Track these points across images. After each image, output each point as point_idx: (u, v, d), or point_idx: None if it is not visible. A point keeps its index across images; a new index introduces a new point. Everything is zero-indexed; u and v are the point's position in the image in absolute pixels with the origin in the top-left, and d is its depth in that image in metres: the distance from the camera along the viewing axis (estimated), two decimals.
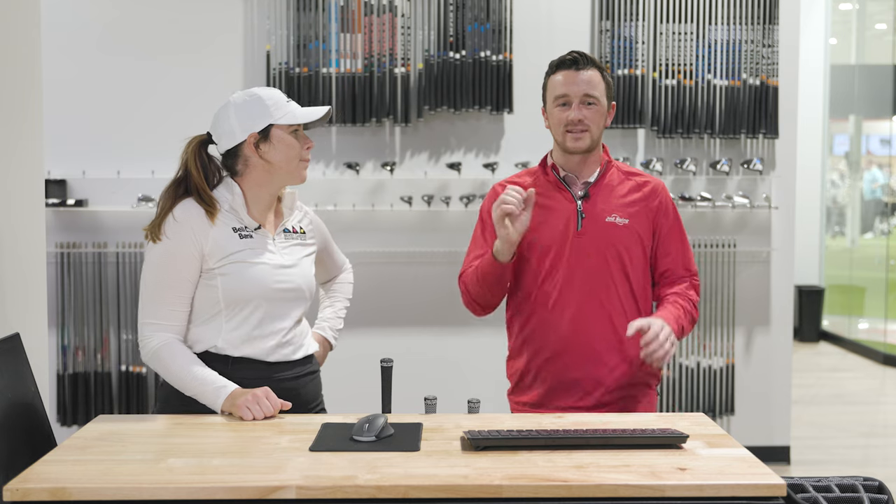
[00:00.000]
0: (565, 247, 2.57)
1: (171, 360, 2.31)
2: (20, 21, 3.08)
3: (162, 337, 2.32)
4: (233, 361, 2.35)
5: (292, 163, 2.38)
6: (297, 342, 2.44)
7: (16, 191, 3.02)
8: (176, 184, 2.38)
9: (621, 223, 2.58)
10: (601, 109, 2.58)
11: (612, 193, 2.61)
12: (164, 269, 2.32)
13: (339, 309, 2.74)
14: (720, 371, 4.93)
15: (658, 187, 2.66)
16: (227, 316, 2.34)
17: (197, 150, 2.41)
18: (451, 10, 4.69)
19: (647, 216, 2.61)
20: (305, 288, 2.44)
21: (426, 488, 1.80)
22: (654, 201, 2.63)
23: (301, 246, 2.47)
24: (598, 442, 2.03)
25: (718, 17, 4.80)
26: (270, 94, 2.40)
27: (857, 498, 1.98)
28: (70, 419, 4.75)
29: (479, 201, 4.76)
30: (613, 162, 2.67)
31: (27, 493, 1.78)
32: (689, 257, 2.68)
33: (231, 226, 2.35)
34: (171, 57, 4.76)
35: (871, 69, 9.18)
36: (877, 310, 8.76)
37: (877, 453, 5.38)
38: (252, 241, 2.36)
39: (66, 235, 4.74)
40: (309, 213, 2.57)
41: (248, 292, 2.33)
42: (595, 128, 2.57)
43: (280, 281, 2.37)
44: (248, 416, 2.23)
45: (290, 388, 2.40)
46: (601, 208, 2.59)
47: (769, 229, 4.93)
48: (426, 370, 4.74)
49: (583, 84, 2.56)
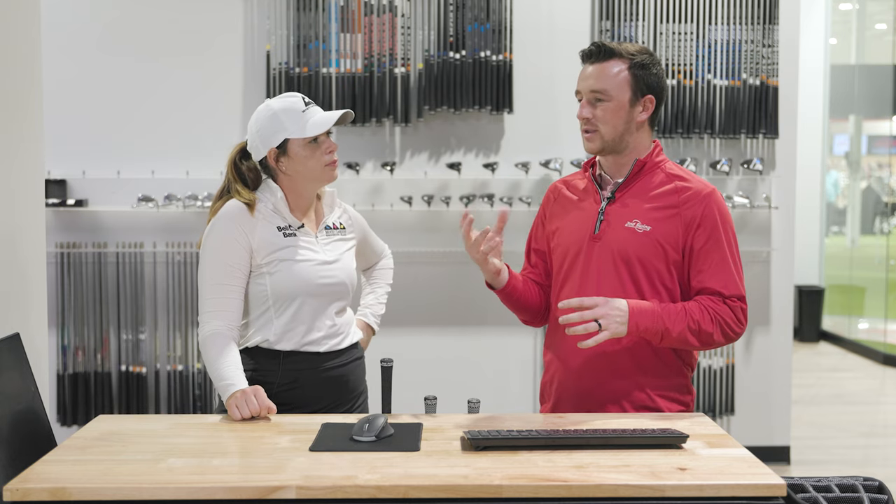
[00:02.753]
0: (581, 251, 2.42)
1: (208, 350, 2.39)
2: (20, 21, 3.08)
3: (213, 325, 2.40)
4: (284, 355, 2.45)
5: (314, 171, 2.46)
6: (343, 332, 2.54)
7: (16, 191, 3.02)
8: (222, 190, 2.53)
9: (641, 230, 2.35)
10: (613, 105, 2.35)
11: (643, 197, 2.38)
12: (214, 262, 2.42)
13: (381, 294, 2.85)
14: (720, 371, 4.93)
15: (699, 195, 2.36)
16: (276, 311, 2.45)
17: (235, 157, 2.53)
18: (451, 10, 4.69)
19: (678, 226, 2.35)
20: (348, 282, 2.54)
21: (426, 488, 1.80)
22: (690, 211, 2.35)
23: (342, 241, 2.58)
24: (598, 442, 2.03)
25: (718, 17, 4.80)
26: (286, 106, 2.46)
27: (857, 498, 1.98)
28: (70, 419, 4.75)
29: (479, 201, 4.77)
30: (659, 162, 2.42)
31: (27, 493, 1.78)
32: (731, 278, 2.35)
33: (276, 225, 2.46)
34: (171, 57, 4.76)
35: (871, 69, 9.18)
36: (877, 310, 8.76)
37: (877, 453, 5.38)
38: (296, 240, 2.46)
39: (66, 235, 4.74)
40: (347, 208, 2.67)
41: (294, 289, 2.43)
42: (606, 127, 2.36)
43: (324, 277, 2.47)
44: (235, 414, 2.26)
45: (339, 375, 2.51)
46: (624, 212, 2.38)
47: (769, 229, 4.93)
48: (426, 370, 4.74)
49: (589, 79, 2.37)
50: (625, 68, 2.36)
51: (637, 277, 2.36)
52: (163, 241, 4.75)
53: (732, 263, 2.37)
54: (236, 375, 2.33)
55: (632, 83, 2.36)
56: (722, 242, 2.36)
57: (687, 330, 2.30)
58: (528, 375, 4.90)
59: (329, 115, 2.46)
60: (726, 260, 2.36)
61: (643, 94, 2.38)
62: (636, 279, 2.36)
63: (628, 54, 2.37)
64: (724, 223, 2.37)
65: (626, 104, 2.37)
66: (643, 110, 2.39)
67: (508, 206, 4.77)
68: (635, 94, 2.37)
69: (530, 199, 4.76)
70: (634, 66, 2.37)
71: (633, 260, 2.36)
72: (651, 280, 2.36)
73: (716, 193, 2.39)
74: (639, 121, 2.39)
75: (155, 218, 4.74)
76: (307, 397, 2.47)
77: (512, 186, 4.81)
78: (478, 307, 4.87)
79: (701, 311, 2.32)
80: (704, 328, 2.32)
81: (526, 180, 4.79)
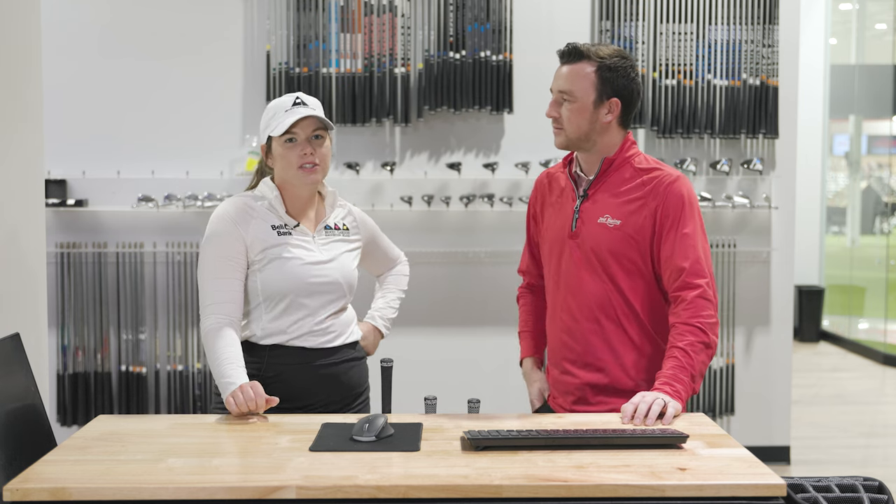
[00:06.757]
0: (561, 249, 2.51)
1: (210, 344, 2.40)
2: (20, 21, 3.08)
3: (213, 320, 2.41)
4: (270, 349, 2.46)
5: (289, 171, 2.46)
6: (337, 330, 2.53)
7: (16, 191, 3.02)
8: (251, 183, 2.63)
9: (612, 224, 2.42)
10: (577, 107, 2.41)
11: (613, 192, 2.45)
12: (212, 257, 2.45)
13: (392, 299, 2.83)
14: (720, 371, 4.93)
15: (662, 182, 2.42)
16: (266, 307, 2.46)
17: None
18: (451, 10, 4.69)
19: (647, 216, 2.41)
20: (343, 282, 2.52)
21: (426, 488, 1.80)
22: (655, 199, 2.41)
23: (343, 242, 2.57)
24: (598, 442, 2.03)
25: (718, 17, 4.80)
26: (277, 104, 2.49)
27: (857, 498, 1.98)
28: (70, 419, 4.75)
29: (479, 201, 4.77)
30: (629, 157, 2.47)
31: (27, 493, 1.78)
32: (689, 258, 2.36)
33: (271, 223, 2.47)
34: (171, 57, 4.76)
35: (871, 69, 9.18)
36: (877, 310, 8.76)
37: (877, 453, 5.38)
38: (289, 238, 2.47)
39: (66, 235, 4.74)
40: (353, 210, 2.67)
41: (284, 285, 2.44)
42: (570, 126, 2.42)
43: (316, 275, 2.47)
44: (233, 407, 2.27)
45: (329, 374, 2.50)
46: (595, 208, 2.46)
47: (769, 229, 4.93)
48: (426, 370, 4.74)
49: (559, 79, 2.44)
50: (592, 71, 2.41)
51: (612, 272, 2.43)
52: (163, 241, 4.75)
53: (698, 242, 2.40)
54: (236, 373, 2.33)
55: (598, 85, 2.41)
56: (679, 223, 2.39)
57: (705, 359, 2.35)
58: None
59: (294, 116, 2.41)
60: (687, 241, 2.38)
61: (609, 97, 2.42)
62: (611, 273, 2.43)
63: (598, 57, 2.42)
64: (689, 206, 2.41)
65: (589, 106, 2.42)
66: (608, 112, 2.44)
67: (508, 205, 4.77)
68: (600, 96, 2.42)
69: None
70: (602, 68, 2.41)
71: (605, 255, 2.43)
72: (627, 271, 2.43)
73: (681, 179, 2.44)
74: (604, 122, 2.44)
75: (155, 218, 4.74)
76: (293, 392, 2.45)
77: (512, 186, 4.81)
78: (478, 307, 4.87)
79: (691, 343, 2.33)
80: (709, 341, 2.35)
81: (526, 180, 4.79)
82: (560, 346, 2.55)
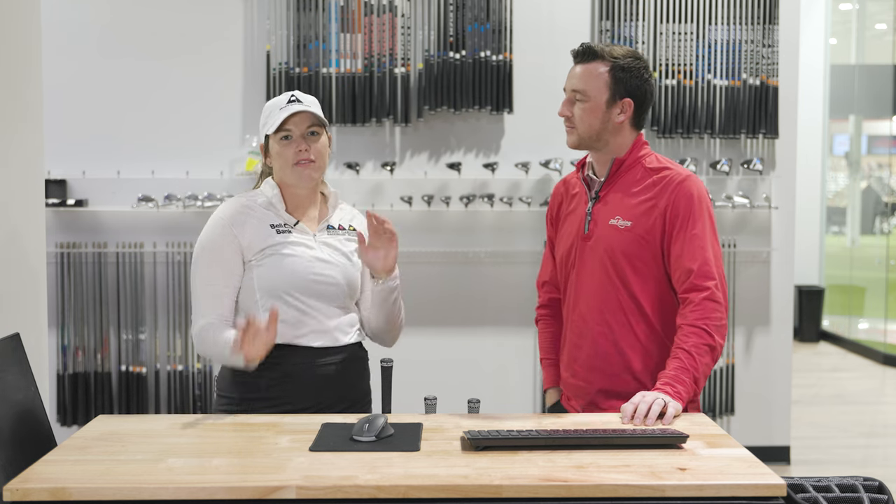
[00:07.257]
0: (574, 252, 2.50)
1: (203, 340, 2.41)
2: (20, 21, 3.09)
3: (207, 321, 2.42)
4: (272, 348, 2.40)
5: (285, 168, 2.46)
6: (341, 329, 2.50)
7: (16, 191, 3.02)
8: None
9: (623, 226, 2.41)
10: (590, 106, 2.41)
11: (624, 193, 2.44)
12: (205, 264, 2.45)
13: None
14: (720, 371, 4.93)
15: (672, 182, 2.40)
16: (262, 306, 2.41)
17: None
18: (451, 10, 4.69)
19: (657, 216, 2.39)
20: (345, 282, 2.49)
21: (426, 488, 1.79)
22: (665, 199, 2.40)
23: (346, 242, 2.55)
24: (598, 442, 2.03)
25: (718, 17, 4.80)
26: (272, 103, 2.51)
27: (857, 498, 1.98)
28: (70, 419, 4.75)
29: (479, 201, 4.77)
30: (641, 157, 2.46)
31: (27, 493, 1.78)
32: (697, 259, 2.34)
33: (269, 222, 2.46)
34: (171, 57, 4.76)
35: (871, 69, 9.18)
36: (877, 310, 8.76)
37: (877, 453, 5.38)
38: (289, 236, 2.45)
39: (66, 235, 4.74)
40: (357, 214, 2.65)
41: (281, 282, 2.41)
42: (583, 125, 2.42)
43: (316, 273, 2.45)
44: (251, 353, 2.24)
45: (330, 373, 2.47)
46: (607, 210, 2.45)
47: (769, 229, 4.93)
48: (426, 370, 4.73)
49: (573, 79, 2.45)
50: (606, 70, 2.42)
51: (624, 273, 2.42)
52: (163, 241, 4.75)
53: (708, 243, 2.38)
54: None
55: (611, 85, 2.42)
56: (688, 223, 2.37)
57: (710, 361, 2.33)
58: (528, 375, 4.90)
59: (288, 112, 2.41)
60: (696, 242, 2.36)
61: (621, 97, 2.43)
62: (623, 275, 2.42)
63: (612, 57, 2.42)
64: (699, 205, 2.38)
65: (602, 105, 2.42)
66: (621, 112, 2.44)
67: (508, 206, 4.77)
68: (613, 96, 2.42)
69: (530, 199, 4.76)
70: (616, 68, 2.42)
71: (618, 256, 2.42)
72: (639, 273, 2.41)
73: (691, 178, 2.42)
74: (616, 122, 2.44)
75: (155, 218, 4.74)
76: (295, 392, 2.44)
77: (512, 186, 4.81)
78: (478, 307, 4.87)
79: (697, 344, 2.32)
80: (713, 343, 2.33)
81: (526, 180, 4.79)
82: (571, 348, 2.55)
